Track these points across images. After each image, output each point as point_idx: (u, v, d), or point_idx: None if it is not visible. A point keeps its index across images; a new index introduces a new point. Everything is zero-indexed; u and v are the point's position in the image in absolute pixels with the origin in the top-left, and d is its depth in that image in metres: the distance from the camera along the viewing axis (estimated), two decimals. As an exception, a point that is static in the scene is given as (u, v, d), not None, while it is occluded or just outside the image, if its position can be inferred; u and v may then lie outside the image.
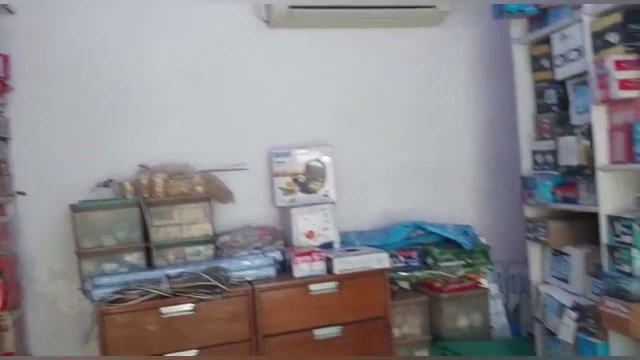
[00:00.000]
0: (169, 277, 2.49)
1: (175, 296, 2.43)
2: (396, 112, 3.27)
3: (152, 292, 2.39)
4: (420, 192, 3.30)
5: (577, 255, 2.70)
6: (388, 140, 3.26)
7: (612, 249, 2.40)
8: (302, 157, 2.98)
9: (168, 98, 2.94)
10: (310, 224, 2.85)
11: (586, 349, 2.56)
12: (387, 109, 3.26)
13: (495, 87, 3.34)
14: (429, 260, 3.00)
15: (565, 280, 2.78)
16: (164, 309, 2.41)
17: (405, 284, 3.13)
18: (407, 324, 3.00)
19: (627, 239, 2.32)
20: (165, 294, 2.41)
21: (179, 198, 2.70)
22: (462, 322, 3.05)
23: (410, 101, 3.28)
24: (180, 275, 2.51)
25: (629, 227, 2.31)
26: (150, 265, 2.67)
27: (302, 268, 2.61)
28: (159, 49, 2.92)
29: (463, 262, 3.00)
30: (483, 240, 3.09)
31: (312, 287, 2.60)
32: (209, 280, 2.43)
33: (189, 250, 2.72)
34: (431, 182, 3.32)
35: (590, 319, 2.54)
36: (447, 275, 3.00)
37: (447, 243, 3.02)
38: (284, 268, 2.73)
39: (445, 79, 3.34)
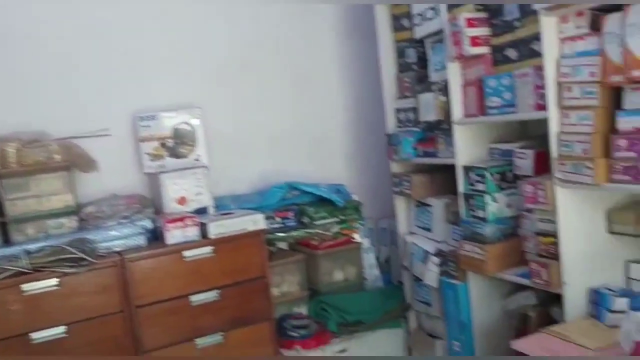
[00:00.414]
0: (28, 252, 2.32)
1: (37, 271, 2.27)
2: (267, 74, 3.25)
3: (8, 270, 2.22)
4: (294, 153, 3.33)
5: (438, 206, 2.89)
6: (260, 102, 3.24)
7: (467, 197, 2.60)
8: (170, 121, 2.88)
9: (19, 60, 2.69)
10: (182, 190, 2.78)
11: (448, 291, 2.78)
12: (257, 72, 3.23)
13: (361, 47, 3.43)
14: (305, 220, 3.06)
15: (428, 230, 2.97)
16: (25, 286, 2.25)
17: (283, 245, 3.17)
18: (286, 283, 3.05)
19: (480, 186, 2.52)
20: (25, 270, 2.25)
21: (35, 168, 2.50)
22: (338, 276, 3.16)
23: (278, 63, 3.28)
24: (41, 249, 2.35)
25: (482, 176, 2.50)
26: (7, 241, 2.47)
27: (174, 234, 2.55)
28: (14, 10, 2.66)
29: (337, 219, 3.10)
30: (355, 197, 3.20)
31: (186, 253, 2.55)
32: (73, 253, 2.30)
33: (50, 223, 2.54)
34: (304, 143, 3.36)
35: (451, 262, 2.75)
36: (323, 232, 3.08)
37: (321, 202, 3.09)
38: (155, 236, 2.65)
39: (312, 41, 3.36)
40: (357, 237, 3.21)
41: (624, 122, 1.94)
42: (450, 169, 2.71)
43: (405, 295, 3.17)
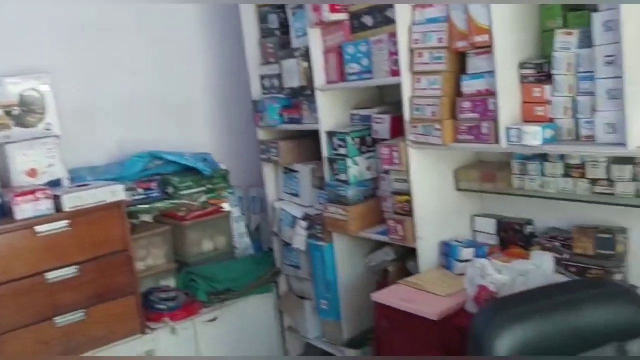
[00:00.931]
0: None
1: None
2: (123, 38, 3.08)
3: None
4: (156, 121, 3.20)
5: (304, 171, 2.95)
6: (116, 68, 3.07)
7: (331, 161, 2.68)
8: (15, 87, 2.64)
9: None
10: (32, 161, 2.58)
11: (315, 252, 2.86)
12: (113, 36, 3.04)
13: (224, 11, 3.35)
14: (170, 190, 2.97)
15: (296, 195, 3.03)
16: None
17: (147, 217, 3.07)
18: (152, 256, 2.96)
19: (342, 151, 2.60)
20: None
21: None
22: (207, 246, 3.13)
23: (135, 26, 3.11)
24: None
25: (344, 141, 2.59)
26: None
27: (24, 209, 2.36)
28: None
29: (204, 189, 3.04)
30: (222, 166, 3.17)
31: (39, 228, 2.38)
32: None
33: None
34: (166, 110, 3.24)
35: (317, 225, 2.83)
36: (190, 203, 3.01)
37: (186, 171, 3.02)
38: (3, 212, 2.44)
39: (172, 5, 3.23)
40: (226, 206, 3.18)
41: (468, 86, 2.10)
42: (315, 134, 2.77)
43: (275, 261, 3.22)
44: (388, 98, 2.74)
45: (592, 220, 2.14)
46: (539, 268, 2.03)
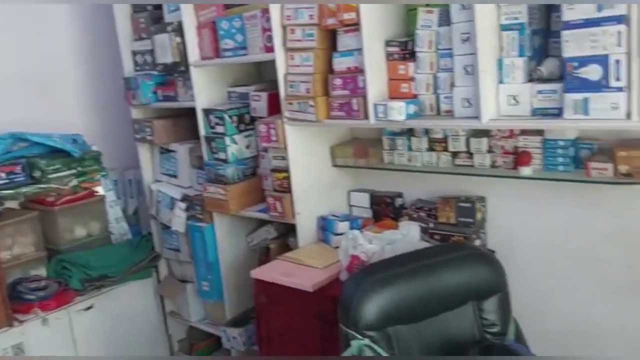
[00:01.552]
0: None
1: None
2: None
3: None
4: (19, 100, 2.97)
5: (182, 151, 2.88)
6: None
7: (209, 140, 2.63)
8: None
9: None
10: None
11: (195, 234, 2.81)
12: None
13: (94, -14, 3.18)
14: (37, 174, 2.78)
15: (174, 176, 2.96)
16: None
17: (13, 203, 2.86)
18: (18, 244, 2.77)
19: (220, 129, 2.57)
20: None
21: None
22: (80, 232, 2.98)
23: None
24: None
25: (221, 119, 2.55)
26: None
27: None
28: None
29: (75, 172, 2.89)
30: (94, 147, 3.01)
31: None
32: None
33: None
34: (31, 89, 3.02)
35: (196, 206, 2.78)
36: (59, 187, 2.84)
37: (55, 154, 2.84)
38: None
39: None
40: (99, 190, 3.04)
41: (339, 63, 2.15)
42: (192, 112, 2.71)
43: (154, 245, 3.13)
44: (266, 75, 2.74)
45: (454, 190, 2.28)
46: (406, 237, 2.14)
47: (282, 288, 2.17)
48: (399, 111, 1.97)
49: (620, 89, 1.55)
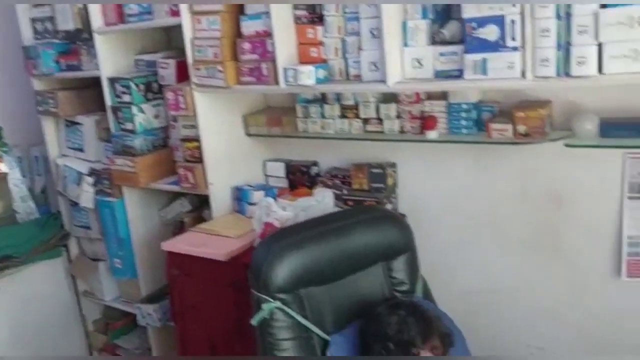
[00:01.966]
0: None
1: None
2: None
3: None
4: None
5: (88, 123, 2.75)
6: None
7: (115, 110, 2.53)
8: None
9: None
10: None
11: (105, 209, 2.71)
12: None
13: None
14: None
15: (80, 150, 2.82)
16: None
17: None
18: None
19: (127, 98, 2.47)
20: None
21: None
22: (-20, 212, 2.80)
23: None
24: None
25: (128, 87, 2.45)
26: None
27: None
28: None
29: (-28, 148, 2.70)
30: (-6, 122, 2.83)
31: None
32: None
33: None
34: None
35: (105, 180, 2.67)
36: (-45, 164, 2.66)
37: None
38: None
39: None
40: (2, 167, 2.86)
41: (247, 27, 2.10)
42: (97, 83, 2.58)
43: (63, 223, 2.99)
44: (175, 42, 2.64)
45: (366, 157, 2.30)
46: (321, 203, 2.14)
47: (195, 259, 2.13)
48: (308, 75, 1.96)
49: (515, 49, 1.60)
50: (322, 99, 2.28)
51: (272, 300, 1.65)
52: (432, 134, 2.02)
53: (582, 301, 2.01)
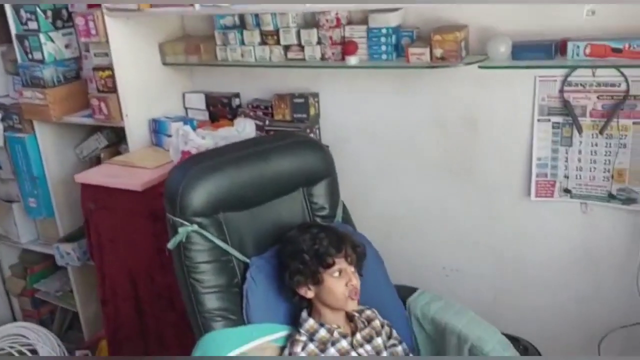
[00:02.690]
0: None
1: None
2: None
3: None
4: None
5: (-8, 54, 2.57)
6: None
7: (21, 38, 2.36)
8: None
9: None
10: None
11: (15, 145, 2.57)
12: None
13: None
14: None
15: (-14, 84, 2.64)
16: None
17: None
18: None
19: (33, 25, 2.31)
20: None
21: None
22: None
23: None
24: None
25: (33, 13, 2.29)
26: None
27: None
28: None
29: None
30: None
31: None
32: None
33: None
34: None
35: (14, 115, 2.53)
36: None
37: None
38: None
39: None
40: None
41: (159, -55, 1.99)
42: (2, 11, 2.39)
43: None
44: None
45: (289, 87, 2.27)
46: (241, 133, 2.11)
47: (110, 191, 2.06)
48: (222, -7, 1.88)
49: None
50: (241, 25, 2.21)
51: (188, 223, 1.62)
52: (352, 60, 2.01)
53: (495, 222, 2.09)
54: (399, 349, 1.64)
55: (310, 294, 1.56)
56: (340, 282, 1.52)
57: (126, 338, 2.26)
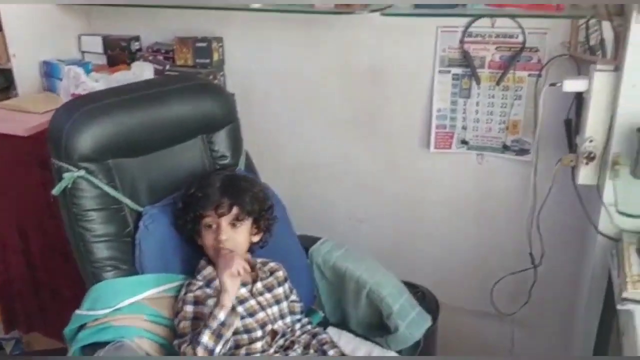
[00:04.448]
0: None
1: None
2: None
3: None
4: None
5: None
6: None
7: None
8: None
9: None
10: None
11: None
12: None
13: None
14: None
15: None
16: None
17: None
18: None
19: None
20: None
21: None
22: None
23: None
24: None
25: None
26: None
27: None
28: None
29: None
30: None
31: None
32: None
33: None
34: None
35: None
36: None
37: None
38: None
39: None
40: None
41: None
42: None
43: None
44: None
45: (190, 30, 2.17)
46: (139, 77, 2.01)
47: (-6, 136, 1.91)
48: None
49: None
50: (139, -37, 2.08)
51: (74, 168, 1.52)
52: (256, 2, 1.93)
53: (396, 173, 2.12)
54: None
55: (200, 242, 1.53)
56: (209, 234, 1.50)
57: (18, 294, 2.15)
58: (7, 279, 2.12)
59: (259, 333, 1.47)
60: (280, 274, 1.62)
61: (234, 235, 1.50)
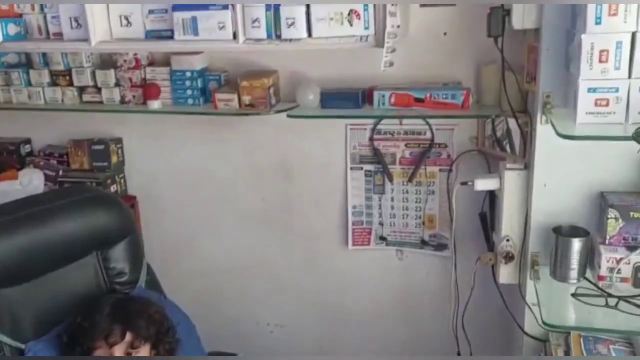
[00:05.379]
0: None
1: None
2: None
3: None
4: None
5: None
6: None
7: None
8: None
9: None
10: None
11: None
12: None
13: None
14: None
15: None
16: None
17: None
18: None
19: None
20: None
21: None
22: None
23: None
24: None
25: None
26: None
27: None
28: None
29: None
30: None
31: None
32: None
33: None
34: None
35: None
36: None
37: None
38: None
39: None
40: None
41: None
42: None
43: None
44: None
45: (86, 132, 2.02)
46: (27, 187, 1.83)
47: None
48: (-7, 32, 1.61)
49: (225, 7, 1.47)
50: (28, 64, 1.93)
51: (-64, 310, 1.30)
52: (155, 104, 1.83)
53: (316, 273, 2.01)
54: None
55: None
56: None
57: None
58: None
59: None
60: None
61: None
